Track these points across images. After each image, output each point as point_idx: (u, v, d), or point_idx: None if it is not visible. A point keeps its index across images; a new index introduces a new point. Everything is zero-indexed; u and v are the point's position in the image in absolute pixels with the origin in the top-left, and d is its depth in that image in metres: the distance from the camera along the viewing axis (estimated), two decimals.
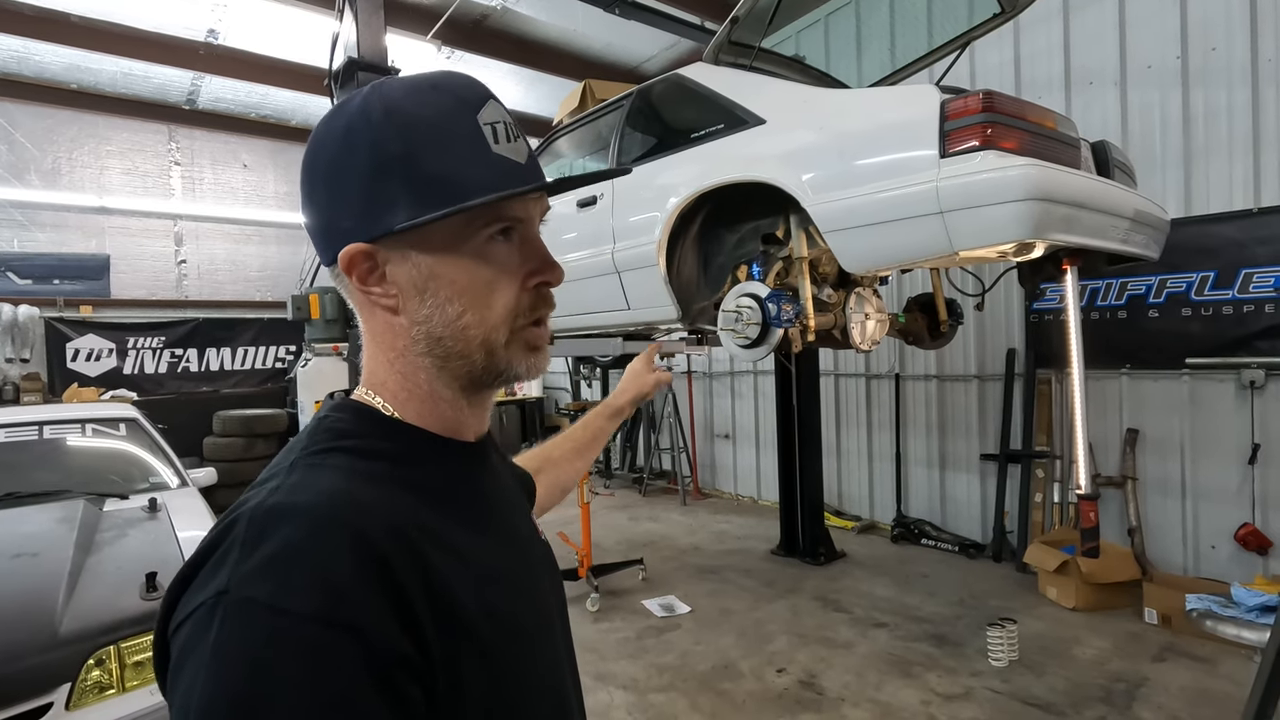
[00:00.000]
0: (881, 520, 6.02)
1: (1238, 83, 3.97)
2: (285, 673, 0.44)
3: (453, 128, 0.60)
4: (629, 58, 7.29)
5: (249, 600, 0.46)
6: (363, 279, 0.61)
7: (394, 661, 0.47)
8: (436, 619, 0.51)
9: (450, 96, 0.61)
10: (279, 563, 0.47)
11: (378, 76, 3.97)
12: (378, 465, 0.58)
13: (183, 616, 0.48)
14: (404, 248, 0.60)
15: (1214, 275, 4.08)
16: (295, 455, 0.58)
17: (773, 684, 3.38)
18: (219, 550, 0.50)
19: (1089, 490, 2.37)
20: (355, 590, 0.47)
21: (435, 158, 0.58)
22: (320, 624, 0.45)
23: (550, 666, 0.66)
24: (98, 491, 3.25)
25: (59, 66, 6.88)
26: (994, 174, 2.09)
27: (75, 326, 7.51)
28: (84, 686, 2.09)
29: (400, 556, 0.51)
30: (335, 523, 0.50)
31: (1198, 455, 4.19)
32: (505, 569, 0.64)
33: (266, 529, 0.49)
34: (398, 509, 0.55)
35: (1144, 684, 3.23)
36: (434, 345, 0.62)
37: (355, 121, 0.60)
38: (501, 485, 0.73)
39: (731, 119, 2.99)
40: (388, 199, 0.59)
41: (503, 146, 0.61)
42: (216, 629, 0.45)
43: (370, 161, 0.59)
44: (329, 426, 0.62)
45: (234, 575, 0.47)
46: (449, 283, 0.60)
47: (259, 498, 0.53)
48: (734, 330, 2.86)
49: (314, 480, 0.55)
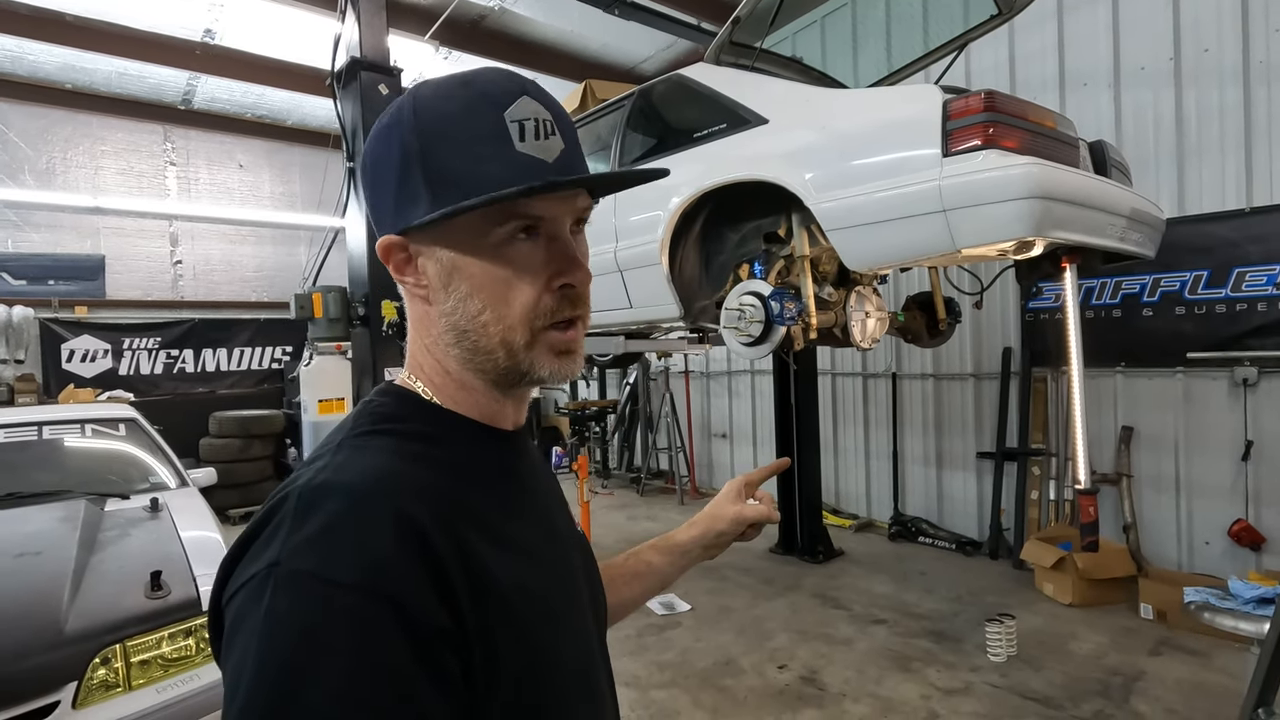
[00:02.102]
0: (879, 518, 6.06)
1: (1230, 83, 4.02)
2: (331, 640, 0.46)
3: (473, 124, 0.60)
4: (626, 58, 7.30)
5: (298, 572, 0.48)
6: (399, 268, 0.65)
7: (433, 633, 0.49)
8: (473, 593, 0.53)
9: (478, 93, 0.61)
10: (326, 536, 0.50)
11: (380, 76, 3.99)
12: (419, 446, 0.61)
13: (236, 587, 0.51)
14: (429, 242, 0.62)
15: (1207, 274, 4.12)
16: (342, 436, 0.61)
17: (774, 680, 3.40)
18: (270, 525, 0.52)
19: (1088, 485, 2.40)
20: (397, 563, 0.50)
21: (449, 155, 0.59)
22: (364, 594, 0.48)
23: (581, 649, 0.67)
24: (99, 491, 3.23)
25: (53, 66, 6.84)
26: (996, 173, 2.12)
27: (70, 327, 7.46)
28: (90, 685, 2.09)
29: (439, 533, 0.53)
30: (378, 499, 0.53)
31: (1192, 452, 4.24)
32: (538, 550, 0.65)
33: (314, 505, 0.52)
34: (437, 488, 0.57)
35: (1140, 678, 3.26)
36: (460, 338, 0.63)
37: (390, 119, 0.63)
38: (539, 474, 0.75)
39: (734, 119, 3.01)
40: (411, 194, 0.60)
41: (529, 144, 0.60)
42: (269, 598, 0.48)
43: (398, 158, 0.61)
44: (373, 410, 0.64)
45: (285, 548, 0.50)
46: (469, 278, 0.61)
47: (308, 475, 0.55)
48: (737, 328, 2.88)
49: (359, 460, 0.57)
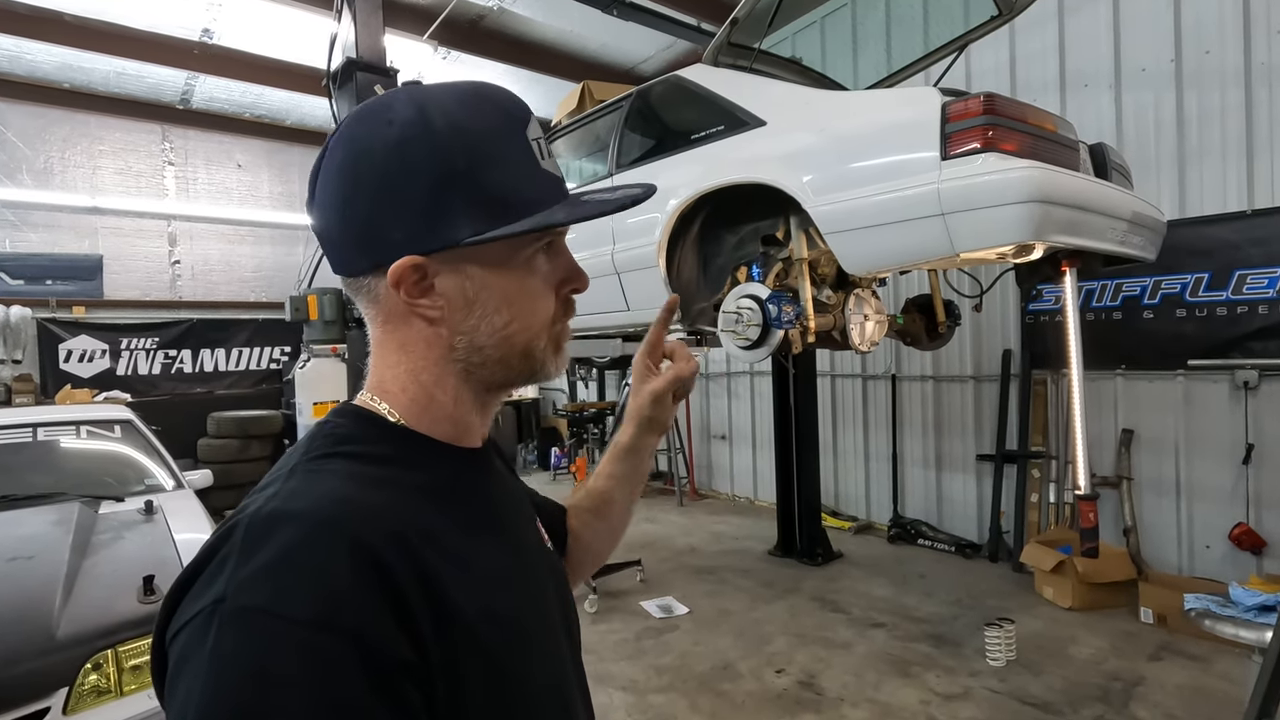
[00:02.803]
0: (878, 520, 6.04)
1: (1231, 85, 4.00)
2: (284, 679, 0.44)
3: (509, 144, 0.62)
4: (625, 59, 7.28)
5: (246, 608, 0.45)
6: (411, 292, 0.60)
7: (393, 666, 0.47)
8: (435, 623, 0.51)
9: (501, 111, 0.63)
10: (276, 569, 0.47)
11: (376, 76, 3.97)
12: (378, 470, 0.58)
13: (180, 624, 0.48)
14: (459, 261, 0.60)
15: (1208, 277, 4.11)
16: (295, 461, 0.58)
17: (772, 684, 3.38)
18: (217, 557, 0.49)
19: (1088, 491, 2.38)
20: (353, 595, 0.47)
21: (498, 174, 0.60)
22: (318, 629, 0.45)
23: (554, 671, 0.65)
24: (93, 494, 3.22)
25: (51, 65, 6.82)
26: (995, 176, 2.11)
27: (68, 327, 7.44)
28: (81, 690, 2.07)
29: (399, 561, 0.50)
30: (332, 527, 0.50)
31: (1192, 455, 4.22)
32: (507, 572, 0.63)
33: (264, 535, 0.49)
34: (397, 513, 0.54)
35: (1140, 683, 3.25)
36: (473, 353, 0.63)
37: (411, 132, 0.58)
38: (506, 490, 0.73)
39: (732, 120, 2.99)
40: (449, 213, 0.58)
41: (546, 162, 0.64)
42: (214, 637, 0.45)
43: (433, 174, 0.58)
44: (329, 432, 0.61)
45: (231, 582, 0.47)
46: (499, 293, 0.62)
47: (257, 504, 0.53)
48: (734, 331, 2.87)
49: (312, 486, 0.54)
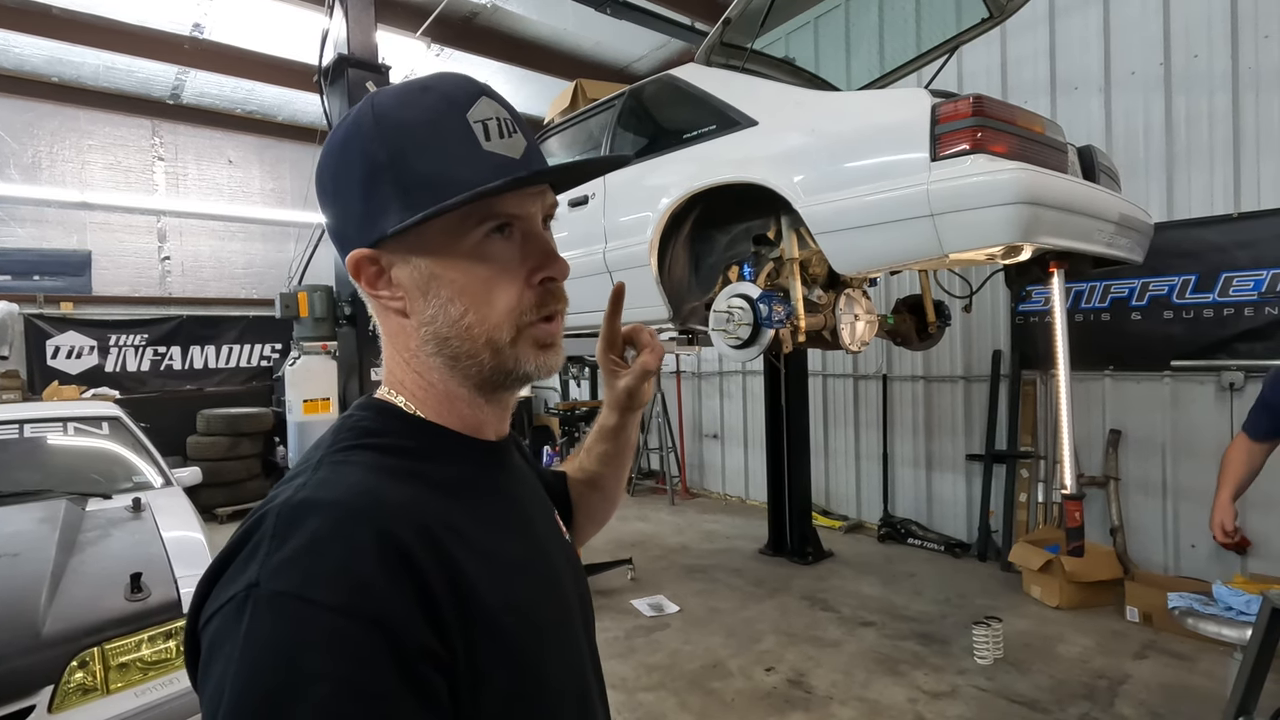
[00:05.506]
0: (868, 520, 6.07)
1: (1219, 89, 4.04)
2: (313, 663, 0.45)
3: (439, 128, 0.60)
4: (619, 57, 7.28)
5: (280, 593, 0.47)
6: (370, 283, 0.63)
7: (418, 652, 0.48)
8: (458, 612, 0.52)
9: (438, 97, 0.61)
10: (305, 556, 0.48)
11: (367, 73, 3.95)
12: (401, 462, 0.60)
13: (213, 610, 0.49)
14: (403, 251, 0.61)
15: (1195, 279, 4.15)
16: (322, 453, 0.60)
17: (761, 683, 3.39)
18: (249, 544, 0.51)
19: (1074, 490, 2.40)
20: (379, 583, 0.48)
21: (421, 160, 0.59)
22: (347, 615, 0.46)
23: (571, 661, 0.67)
24: (80, 491, 3.19)
25: (39, 59, 6.75)
26: (984, 177, 2.12)
27: (56, 323, 7.37)
28: (67, 688, 2.06)
29: (423, 550, 0.52)
30: (360, 517, 0.51)
31: (1179, 456, 4.26)
32: (526, 564, 0.64)
33: (294, 523, 0.50)
34: (421, 504, 0.56)
35: (1126, 681, 3.28)
36: (442, 345, 0.62)
37: (350, 132, 0.62)
38: (524, 484, 0.74)
39: (724, 120, 3.00)
40: (380, 204, 0.60)
41: (495, 143, 0.60)
42: (247, 621, 0.46)
43: (362, 170, 0.60)
44: (354, 425, 0.63)
45: (265, 568, 0.48)
46: (449, 283, 0.61)
47: (287, 493, 0.54)
48: (725, 331, 2.87)
49: (339, 476, 0.56)
